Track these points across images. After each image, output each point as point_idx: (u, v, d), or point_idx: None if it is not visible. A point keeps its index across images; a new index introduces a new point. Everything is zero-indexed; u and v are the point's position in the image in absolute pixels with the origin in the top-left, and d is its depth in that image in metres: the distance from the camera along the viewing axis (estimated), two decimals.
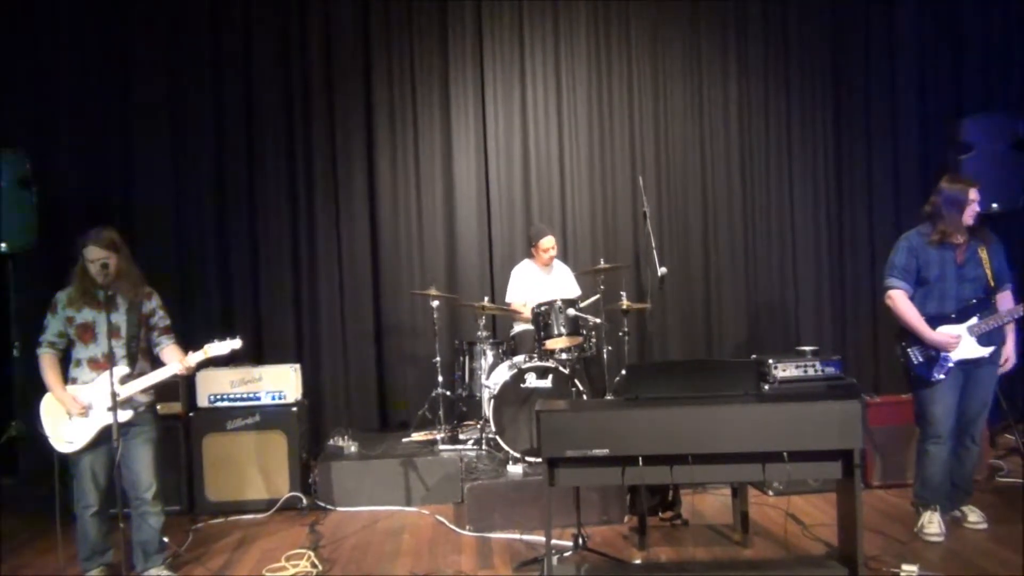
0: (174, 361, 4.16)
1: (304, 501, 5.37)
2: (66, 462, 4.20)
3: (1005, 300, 4.40)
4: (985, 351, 4.32)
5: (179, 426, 5.39)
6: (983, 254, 4.35)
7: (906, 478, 5.07)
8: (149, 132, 6.52)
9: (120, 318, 4.12)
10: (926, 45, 7.08)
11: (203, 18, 6.59)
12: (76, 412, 4.06)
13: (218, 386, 5.51)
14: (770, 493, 5.18)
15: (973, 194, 4.33)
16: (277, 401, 5.53)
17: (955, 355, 4.32)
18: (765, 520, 4.74)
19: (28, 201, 5.75)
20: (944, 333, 4.32)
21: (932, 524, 4.37)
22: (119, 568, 4.04)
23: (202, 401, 5.51)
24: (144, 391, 4.15)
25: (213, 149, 6.62)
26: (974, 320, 4.31)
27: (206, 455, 5.40)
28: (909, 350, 4.44)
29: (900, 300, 4.44)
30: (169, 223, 6.53)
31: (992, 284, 4.33)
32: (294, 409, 5.51)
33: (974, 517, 4.48)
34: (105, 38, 6.48)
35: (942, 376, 4.33)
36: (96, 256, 4.02)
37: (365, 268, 6.80)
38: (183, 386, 5.45)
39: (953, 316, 4.34)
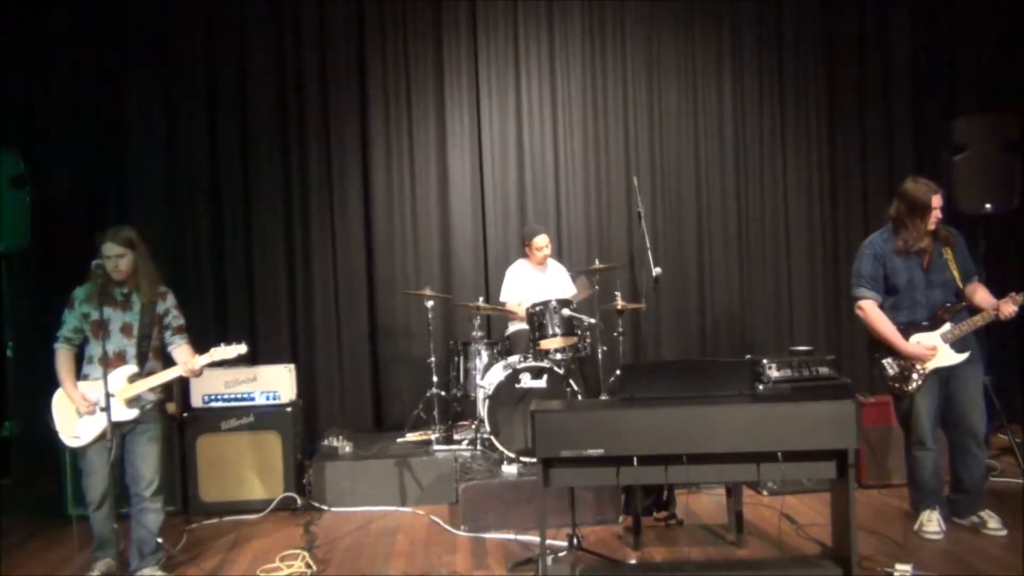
0: (182, 362, 4.18)
1: (299, 501, 5.37)
2: (63, 462, 4.21)
3: (984, 293, 4.35)
4: (960, 357, 4.27)
5: (173, 426, 5.37)
6: (948, 255, 4.29)
7: (900, 478, 5.08)
8: (143, 132, 6.52)
9: (133, 317, 4.15)
10: (919, 45, 7.11)
11: (197, 17, 6.59)
12: (84, 410, 4.09)
13: (212, 386, 5.50)
14: (764, 493, 5.19)
15: (937, 200, 4.23)
16: (272, 401, 5.52)
17: (930, 364, 4.29)
18: (759, 520, 4.75)
19: (21, 201, 5.73)
20: (919, 344, 4.29)
21: (931, 523, 4.36)
22: (126, 559, 4.08)
23: (196, 401, 5.50)
24: (152, 390, 4.16)
25: (207, 148, 6.62)
26: (947, 327, 4.28)
27: (200, 455, 5.39)
28: (884, 361, 4.40)
29: (872, 311, 4.39)
30: (163, 223, 6.50)
31: (960, 286, 4.30)
32: (289, 409, 5.50)
33: (993, 524, 4.37)
34: (99, 37, 6.47)
35: (917, 386, 4.31)
36: (112, 252, 4.05)
37: (360, 268, 6.81)
38: (177, 386, 5.45)
39: (926, 324, 4.31)
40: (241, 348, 4.22)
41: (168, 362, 4.26)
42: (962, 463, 4.41)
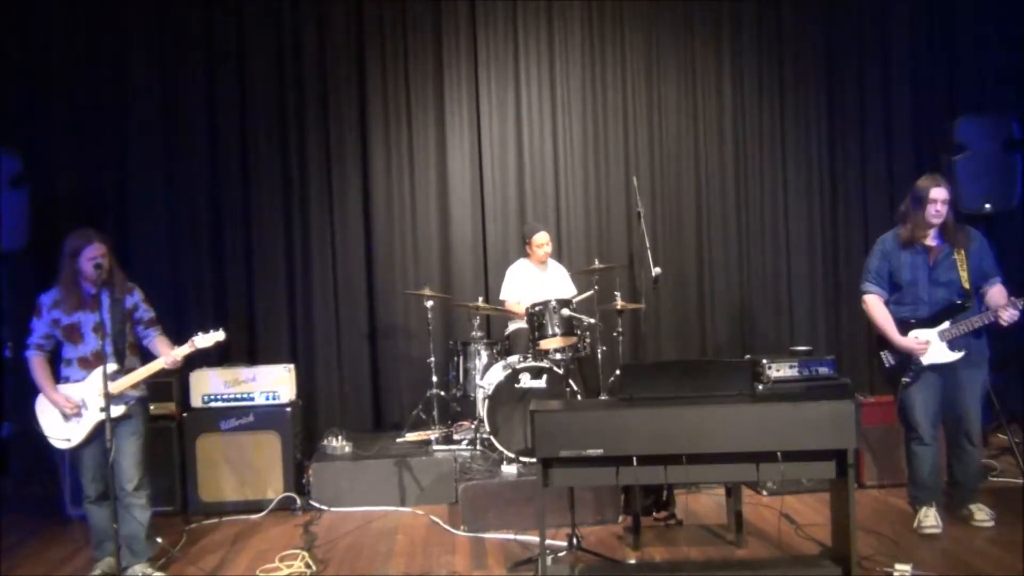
0: (162, 355, 4.17)
1: (298, 501, 5.36)
2: (64, 462, 4.21)
3: (997, 295, 4.39)
4: (954, 356, 4.34)
5: (172, 426, 5.38)
6: (958, 256, 4.34)
7: (900, 478, 5.08)
8: (142, 132, 6.51)
9: (104, 315, 4.12)
10: (919, 45, 7.10)
11: (197, 19, 6.58)
12: (69, 412, 4.08)
13: (212, 386, 5.50)
14: (764, 493, 5.19)
15: (935, 192, 4.30)
16: (271, 401, 5.52)
17: (925, 360, 4.37)
18: (759, 520, 4.75)
19: (20, 201, 5.72)
20: (913, 339, 4.37)
21: (928, 518, 4.42)
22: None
23: (196, 401, 5.50)
24: (134, 386, 4.17)
25: (207, 149, 6.61)
26: (946, 325, 4.34)
27: (200, 455, 5.39)
28: (882, 353, 4.52)
29: (872, 304, 4.51)
30: (162, 223, 6.51)
31: (966, 287, 4.33)
32: (288, 409, 5.50)
33: (981, 515, 4.48)
34: (98, 37, 6.47)
35: (910, 379, 4.38)
36: (100, 252, 4.04)
37: (359, 268, 6.80)
38: (177, 386, 5.46)
39: (924, 320, 4.38)
40: (219, 335, 4.23)
41: (146, 358, 4.25)
42: (956, 458, 4.54)
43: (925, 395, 4.39)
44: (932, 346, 4.34)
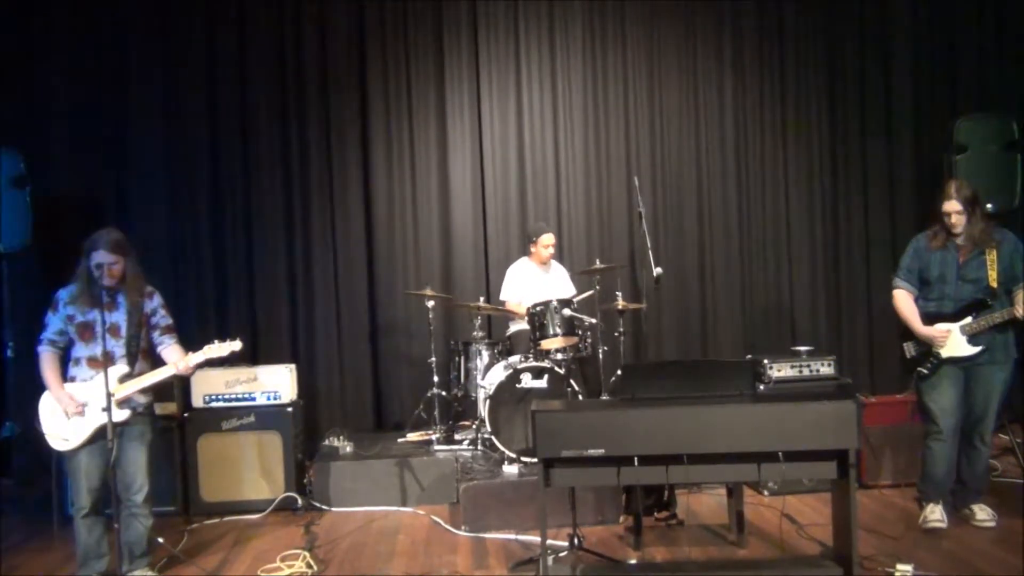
0: (174, 361, 4.15)
1: (299, 501, 5.36)
2: (62, 463, 4.18)
3: (1019, 295, 4.39)
4: (973, 350, 4.38)
5: (174, 426, 5.38)
6: (989, 256, 4.38)
7: (901, 478, 5.09)
8: (143, 131, 6.52)
9: (120, 317, 4.12)
10: (920, 46, 7.11)
11: (198, 17, 6.59)
12: (72, 411, 4.04)
13: (213, 386, 5.49)
14: (765, 493, 5.19)
15: (945, 206, 4.38)
16: (272, 401, 5.51)
17: (944, 352, 4.41)
18: (760, 520, 4.75)
19: (22, 201, 5.73)
20: (935, 328, 4.42)
21: (935, 513, 4.47)
22: (112, 574, 4.04)
23: (197, 401, 5.49)
24: (143, 392, 4.14)
25: (208, 149, 6.62)
26: (968, 319, 4.38)
27: (201, 455, 5.39)
28: (905, 344, 4.59)
29: (899, 298, 4.60)
30: (163, 223, 6.52)
31: (993, 286, 4.36)
32: (289, 409, 5.50)
33: (982, 515, 4.53)
34: (99, 37, 6.49)
35: (927, 371, 4.44)
36: (104, 260, 4.01)
37: (360, 268, 6.81)
38: (178, 386, 5.45)
39: (949, 315, 4.42)
40: (235, 344, 4.19)
41: (157, 364, 4.21)
42: (965, 454, 4.56)
43: (945, 390, 4.43)
44: (952, 338, 4.39)
